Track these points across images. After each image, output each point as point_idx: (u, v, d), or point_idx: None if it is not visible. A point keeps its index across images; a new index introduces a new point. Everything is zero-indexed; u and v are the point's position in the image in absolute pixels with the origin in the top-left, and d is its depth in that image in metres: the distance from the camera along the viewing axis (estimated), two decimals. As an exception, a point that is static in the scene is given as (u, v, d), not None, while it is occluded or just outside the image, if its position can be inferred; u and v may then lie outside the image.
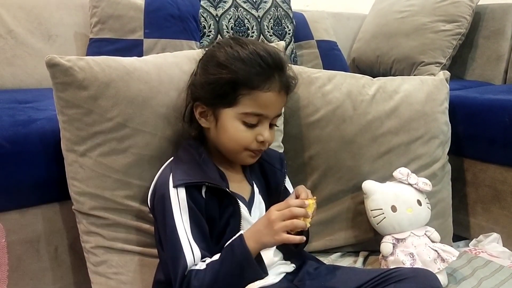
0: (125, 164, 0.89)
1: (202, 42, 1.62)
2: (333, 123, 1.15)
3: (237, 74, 0.79)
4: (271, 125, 0.85)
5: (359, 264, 1.14)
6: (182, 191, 0.78)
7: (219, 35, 1.65)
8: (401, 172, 1.12)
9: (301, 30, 1.92)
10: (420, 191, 1.11)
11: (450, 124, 1.27)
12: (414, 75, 1.73)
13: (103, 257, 0.91)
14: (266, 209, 0.88)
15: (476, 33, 1.87)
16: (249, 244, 0.75)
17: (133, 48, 1.50)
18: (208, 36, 1.64)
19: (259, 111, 0.81)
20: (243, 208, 0.84)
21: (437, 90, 1.25)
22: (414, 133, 1.20)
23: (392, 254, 1.07)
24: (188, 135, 0.90)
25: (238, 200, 0.84)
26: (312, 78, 1.19)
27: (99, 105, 0.87)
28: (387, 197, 1.10)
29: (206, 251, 0.77)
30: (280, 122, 1.09)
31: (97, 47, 1.54)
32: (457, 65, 1.89)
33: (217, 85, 0.80)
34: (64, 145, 0.90)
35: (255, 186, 0.91)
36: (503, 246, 1.28)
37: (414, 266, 1.03)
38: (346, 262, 1.15)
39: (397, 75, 1.46)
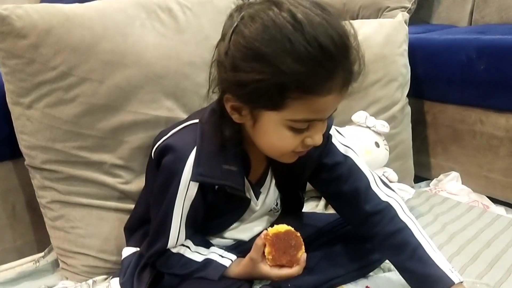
0: (75, 114, 0.87)
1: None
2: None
3: (288, 76, 0.56)
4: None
5: (320, 207, 1.17)
6: (194, 186, 0.69)
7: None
8: (359, 115, 1.13)
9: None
10: (378, 133, 1.13)
11: (409, 67, 1.27)
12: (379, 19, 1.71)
13: (59, 212, 0.90)
14: (281, 190, 0.82)
15: (441, -25, 1.85)
16: (233, 272, 0.73)
17: None
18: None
19: (313, 117, 0.61)
20: (251, 198, 0.77)
21: (395, 32, 1.25)
22: (373, 76, 1.20)
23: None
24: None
25: (251, 201, 0.77)
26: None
27: (41, 53, 0.84)
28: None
29: (192, 232, 0.75)
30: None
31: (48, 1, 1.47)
32: (424, 9, 1.87)
33: (258, 87, 0.58)
34: (9, 98, 0.87)
35: (270, 169, 0.79)
36: (462, 184, 1.31)
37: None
38: (309, 206, 1.17)
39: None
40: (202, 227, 0.76)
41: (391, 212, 0.75)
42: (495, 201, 1.26)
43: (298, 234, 0.66)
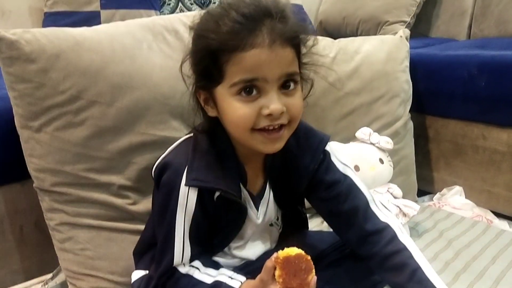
0: (84, 136, 0.87)
1: (162, 11, 1.58)
2: (295, 87, 1.14)
3: (210, 39, 0.63)
4: (287, 88, 0.65)
5: (326, 224, 1.17)
6: (193, 194, 0.69)
7: (180, 3, 1.61)
8: (363, 131, 1.14)
9: (264, -7, 1.88)
10: (382, 149, 1.14)
11: (411, 82, 1.29)
12: (380, 35, 1.73)
13: (68, 234, 0.90)
14: (280, 205, 0.81)
15: (439, -11, 1.88)
16: None
17: (90, 20, 1.45)
18: (169, 4, 1.60)
19: (249, 76, 0.63)
20: (251, 209, 0.77)
21: (397, 49, 1.26)
22: (376, 93, 1.22)
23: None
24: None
25: (248, 209, 0.76)
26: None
27: (50, 78, 0.85)
28: (350, 157, 1.11)
29: (199, 250, 0.74)
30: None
31: (52, 21, 1.49)
32: (422, 22, 1.90)
33: (198, 62, 0.67)
34: (18, 122, 0.87)
35: (268, 184, 0.79)
36: (465, 198, 1.32)
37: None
38: (314, 223, 1.17)
39: (363, 36, 1.46)
40: (207, 243, 0.76)
41: (391, 233, 0.74)
42: (498, 215, 1.27)
43: (309, 257, 0.66)
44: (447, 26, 1.86)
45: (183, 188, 0.69)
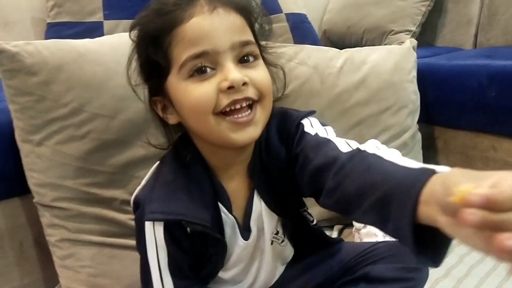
0: (86, 150, 0.86)
1: (166, 21, 1.56)
2: (301, 98, 1.12)
3: (147, 24, 0.59)
4: (247, 59, 0.58)
5: (336, 233, 1.14)
6: (159, 229, 0.60)
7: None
8: (371, 143, 1.11)
9: (268, 3, 1.87)
10: (391, 161, 1.11)
11: (419, 93, 1.27)
12: (385, 45, 1.72)
13: (69, 250, 0.88)
14: (277, 212, 0.70)
15: (445, -2, 1.86)
16: None
17: (93, 31, 1.43)
18: (172, 14, 1.58)
19: (197, 49, 0.55)
20: (238, 238, 0.68)
21: (404, 59, 1.24)
22: (383, 104, 1.19)
23: (365, 226, 1.07)
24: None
25: (227, 240, 0.67)
26: (277, 53, 1.15)
27: (52, 90, 0.83)
28: (358, 169, 1.09)
29: (186, 281, 0.66)
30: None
31: (55, 32, 1.47)
32: (428, 31, 1.88)
33: (141, 57, 0.61)
34: (18, 135, 0.86)
35: (255, 193, 0.68)
36: (475, 211, 1.29)
37: (386, 238, 1.03)
38: (333, 235, 1.15)
39: (368, 45, 1.44)
40: (195, 275, 0.69)
41: (361, 153, 0.56)
42: (510, 228, 1.24)
43: None
44: (453, 35, 1.84)
45: (147, 225, 0.61)
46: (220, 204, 0.65)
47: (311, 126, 0.66)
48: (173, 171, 0.63)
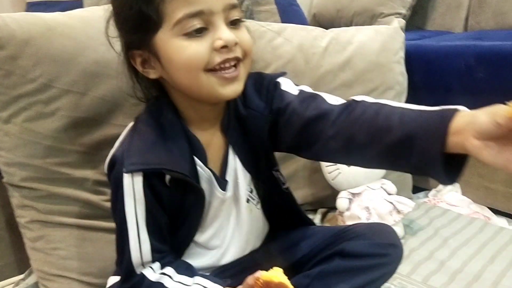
0: (55, 128, 0.82)
1: None
2: (284, 78, 1.09)
3: None
4: (235, 23, 0.61)
5: (317, 221, 1.12)
6: (138, 180, 0.62)
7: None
8: (356, 125, 1.09)
9: (256, -15, 1.83)
10: (375, 143, 1.09)
11: (406, 74, 1.24)
12: (374, 25, 1.68)
13: (39, 232, 0.85)
14: (250, 170, 0.72)
15: (435, -20, 1.83)
16: None
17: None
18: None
19: (193, 9, 0.57)
20: (215, 189, 0.70)
21: (391, 40, 1.21)
22: (369, 85, 1.16)
23: (348, 209, 1.05)
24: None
25: (206, 186, 0.69)
26: (260, 32, 1.12)
27: (19, 65, 0.79)
28: (342, 151, 1.06)
29: (161, 244, 0.66)
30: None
31: (35, 11, 1.42)
32: (418, 15, 1.85)
33: (128, 9, 0.60)
34: (-15, 112, 0.82)
35: (231, 149, 0.71)
36: (462, 194, 1.27)
37: (370, 221, 1.01)
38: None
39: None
40: (172, 237, 0.69)
41: (359, 102, 0.62)
42: (496, 212, 1.22)
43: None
44: (443, 19, 1.81)
45: (126, 177, 0.62)
46: (195, 158, 0.67)
47: (289, 84, 0.71)
48: (149, 126, 0.65)
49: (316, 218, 1.13)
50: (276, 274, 0.59)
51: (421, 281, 0.88)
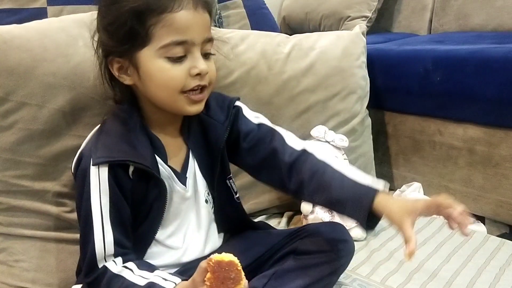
0: (13, 141, 0.82)
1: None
2: (248, 85, 1.11)
3: (132, 2, 0.65)
4: (206, 55, 0.71)
5: (283, 224, 1.14)
6: (104, 171, 0.68)
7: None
8: (318, 130, 1.11)
9: (225, -11, 1.84)
10: (337, 147, 1.11)
11: (368, 78, 1.27)
12: (336, 31, 1.71)
13: (2, 245, 0.84)
14: (205, 174, 0.80)
15: (400, -17, 1.87)
16: None
17: (37, 18, 1.34)
18: (122, -1, 1.53)
19: (180, 38, 0.66)
20: (176, 184, 0.76)
21: (353, 45, 1.24)
22: (332, 90, 1.19)
23: (312, 212, 1.07)
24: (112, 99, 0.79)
25: (167, 182, 0.74)
26: (223, 39, 1.13)
27: (-26, 79, 0.79)
28: (305, 156, 1.09)
29: (124, 238, 0.70)
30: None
31: (-3, 19, 1.41)
32: (384, 17, 1.89)
33: (120, 24, 0.66)
34: None
35: (190, 153, 0.79)
36: (423, 194, 1.31)
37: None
38: (272, 223, 1.14)
39: (323, 32, 1.43)
40: (133, 232, 0.73)
41: (309, 156, 0.78)
42: (456, 210, 1.26)
43: (240, 267, 0.63)
44: (408, 21, 1.85)
45: (92, 169, 0.68)
46: (157, 157, 0.74)
47: (248, 111, 0.84)
48: (115, 127, 0.73)
49: (283, 222, 1.15)
50: (228, 255, 0.62)
51: (380, 281, 0.91)
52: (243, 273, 0.62)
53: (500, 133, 1.13)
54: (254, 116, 0.84)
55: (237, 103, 0.83)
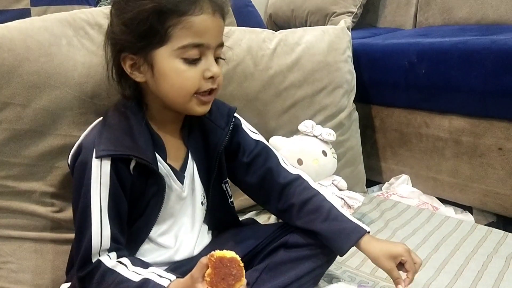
0: (-2, 142, 0.81)
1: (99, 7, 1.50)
2: (235, 81, 1.11)
3: (155, 1, 0.66)
4: (217, 59, 0.73)
5: (272, 220, 1.14)
6: (106, 164, 0.68)
7: (118, -2, 1.54)
8: (306, 124, 1.12)
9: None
10: (325, 141, 1.12)
11: (354, 73, 1.28)
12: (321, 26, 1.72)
13: (-12, 246, 0.84)
14: (203, 177, 0.81)
15: (385, -21, 1.88)
16: None
17: (21, 19, 1.36)
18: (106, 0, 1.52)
19: (198, 41, 0.68)
20: (174, 182, 0.77)
21: (338, 39, 1.25)
22: (318, 84, 1.20)
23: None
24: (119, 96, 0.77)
25: (165, 180, 0.75)
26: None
27: (-45, 80, 0.78)
28: (293, 151, 1.09)
29: (119, 234, 0.70)
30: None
31: (-20, 20, 1.39)
32: (370, 13, 1.90)
33: (140, 21, 0.67)
34: None
35: (190, 155, 0.80)
36: (412, 186, 1.33)
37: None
38: (261, 219, 1.15)
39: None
40: (130, 228, 0.73)
41: (303, 182, 0.82)
42: (444, 201, 1.28)
43: (242, 264, 0.64)
44: (393, 16, 1.87)
45: (94, 162, 0.68)
46: (157, 154, 0.74)
47: (247, 124, 0.87)
48: (118, 122, 0.73)
49: (272, 218, 1.15)
50: (229, 252, 0.63)
51: (370, 273, 0.91)
52: (244, 271, 0.62)
53: (484, 123, 1.15)
54: (252, 131, 0.86)
55: (236, 114, 0.84)
